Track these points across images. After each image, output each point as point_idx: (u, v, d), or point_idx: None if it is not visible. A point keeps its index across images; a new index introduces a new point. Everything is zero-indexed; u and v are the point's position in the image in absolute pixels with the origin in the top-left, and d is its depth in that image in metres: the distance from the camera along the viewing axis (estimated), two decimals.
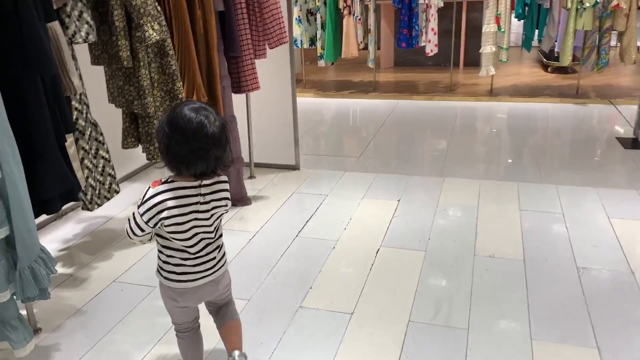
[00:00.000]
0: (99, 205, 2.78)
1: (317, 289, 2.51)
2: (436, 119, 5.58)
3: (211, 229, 1.69)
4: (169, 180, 1.62)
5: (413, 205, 3.39)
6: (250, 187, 3.69)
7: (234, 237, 3.03)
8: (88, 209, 2.73)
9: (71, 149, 2.31)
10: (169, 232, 1.63)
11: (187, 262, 1.68)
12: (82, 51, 2.82)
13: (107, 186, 2.84)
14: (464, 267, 2.65)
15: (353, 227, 3.12)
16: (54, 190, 2.07)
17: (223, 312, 1.89)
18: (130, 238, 1.68)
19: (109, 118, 3.23)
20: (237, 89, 3.39)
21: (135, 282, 2.61)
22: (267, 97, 3.81)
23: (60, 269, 2.78)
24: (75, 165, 2.33)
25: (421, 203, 3.42)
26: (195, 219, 1.64)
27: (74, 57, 2.53)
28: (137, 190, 3.77)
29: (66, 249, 2.99)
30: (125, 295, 2.51)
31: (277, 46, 3.44)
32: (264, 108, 3.93)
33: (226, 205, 1.71)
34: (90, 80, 2.90)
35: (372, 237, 2.99)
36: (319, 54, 6.70)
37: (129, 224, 1.65)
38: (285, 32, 3.45)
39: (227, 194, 1.71)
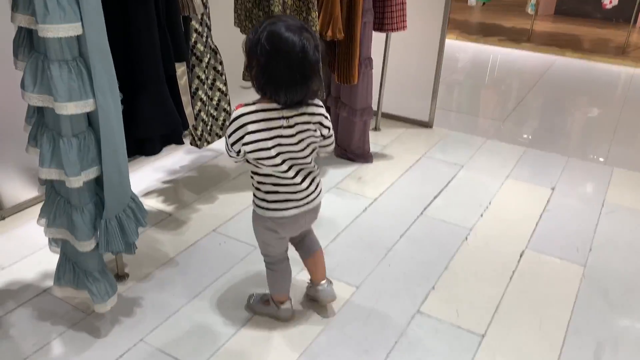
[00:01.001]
0: (209, 143, 2.48)
1: (441, 291, 2.06)
2: (603, 87, 4.66)
3: (302, 154, 1.57)
4: (251, 102, 1.52)
5: (571, 198, 2.76)
6: (373, 141, 3.23)
7: (348, 201, 2.63)
8: (196, 145, 2.44)
9: (182, 80, 1.98)
10: (253, 158, 1.54)
11: (282, 189, 1.60)
12: None
13: (220, 122, 2.53)
14: None
15: (492, 215, 2.58)
16: (154, 129, 1.77)
17: (308, 242, 1.86)
18: (230, 156, 1.60)
19: (231, 44, 2.87)
20: (380, 27, 2.86)
21: (236, 237, 2.31)
22: (408, 38, 3.23)
23: (160, 204, 2.56)
24: (185, 99, 2.00)
25: (582, 197, 2.77)
26: (280, 144, 1.52)
27: None
28: None
29: (170, 181, 2.76)
30: (223, 251, 2.23)
31: None
32: (403, 51, 3.37)
33: (316, 131, 1.57)
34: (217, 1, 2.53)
35: (516, 232, 2.45)
36: None
37: (225, 143, 1.58)
38: None
39: (320, 119, 1.57)
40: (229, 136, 1.52)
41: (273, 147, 1.51)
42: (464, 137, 3.43)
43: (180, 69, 1.93)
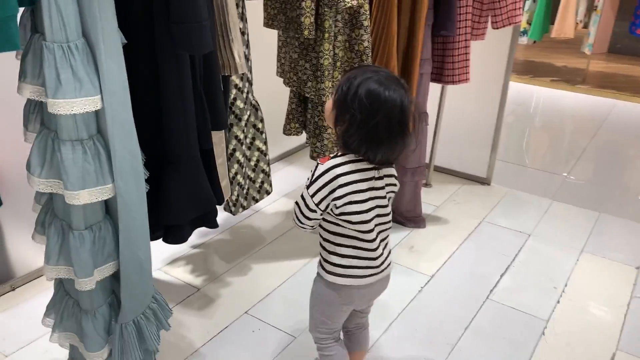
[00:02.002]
0: (244, 209, 2.19)
1: None
2: None
3: (387, 210, 1.45)
4: (338, 155, 1.38)
5: None
6: (425, 201, 2.89)
7: (401, 277, 2.29)
8: (230, 212, 2.15)
9: (219, 148, 1.70)
10: (343, 214, 1.37)
11: (362, 254, 1.43)
12: (254, 9, 2.18)
13: (257, 185, 2.24)
14: None
15: (570, 301, 2.20)
16: (185, 214, 1.48)
17: (362, 336, 1.67)
18: (301, 224, 1.42)
19: (272, 94, 2.61)
20: (439, 78, 2.56)
21: (272, 322, 2.00)
22: (467, 86, 2.93)
23: (187, 275, 2.26)
24: (222, 170, 1.72)
25: None
26: (372, 197, 1.40)
27: (243, 18, 1.88)
28: (292, 175, 3.17)
29: (200, 246, 2.48)
30: (257, 340, 1.92)
31: (505, 26, 2.52)
32: (460, 97, 3.06)
33: (396, 185, 1.49)
34: (257, 46, 2.28)
35: (601, 326, 2.06)
36: (522, 29, 5.52)
37: (298, 208, 1.40)
38: (520, 7, 2.51)
39: (395, 179, 1.49)
40: (315, 194, 1.35)
41: (368, 199, 1.39)
42: (527, 197, 3.07)
43: (217, 135, 1.65)
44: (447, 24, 2.31)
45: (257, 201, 2.26)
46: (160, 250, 2.36)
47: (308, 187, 1.36)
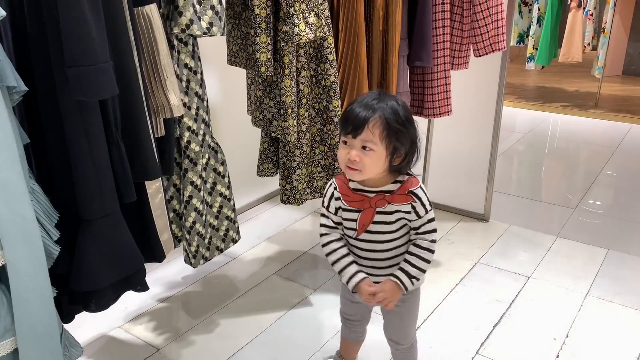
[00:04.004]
0: (207, 260, 2.02)
1: None
2: None
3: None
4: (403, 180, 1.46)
5: None
6: None
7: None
8: (190, 264, 1.98)
9: (156, 199, 1.54)
10: None
11: None
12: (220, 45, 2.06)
13: (222, 233, 2.07)
14: None
15: (572, 355, 1.95)
16: (100, 278, 1.32)
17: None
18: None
19: (247, 135, 2.47)
20: (420, 111, 2.38)
21: None
22: (456, 114, 2.74)
23: (148, 334, 2.09)
24: (161, 223, 1.56)
25: None
26: None
27: (194, 57, 1.76)
28: (277, 216, 3.00)
29: (167, 299, 2.30)
30: None
31: (488, 53, 2.35)
32: (450, 130, 2.87)
33: None
34: (227, 81, 2.14)
35: None
36: (528, 55, 5.35)
37: (436, 229, 1.48)
38: (504, 33, 2.34)
39: None
40: (428, 199, 1.46)
41: None
42: (528, 234, 2.83)
43: (154, 185, 1.50)
44: (422, 54, 2.15)
45: (221, 251, 2.09)
46: (124, 305, 2.21)
47: (431, 207, 1.43)
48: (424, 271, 1.43)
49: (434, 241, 1.43)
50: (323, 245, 1.50)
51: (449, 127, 2.83)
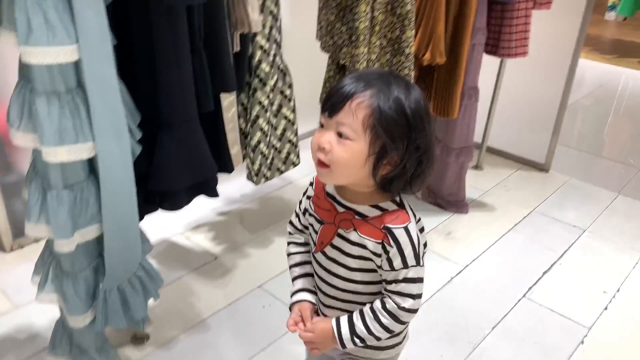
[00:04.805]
0: (267, 179, 2.08)
1: None
2: None
3: None
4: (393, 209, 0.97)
5: None
6: (472, 184, 2.68)
7: (430, 264, 2.11)
8: (252, 181, 2.05)
9: (229, 112, 1.59)
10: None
11: None
12: None
13: (283, 155, 2.12)
14: None
15: (621, 309, 1.95)
16: (180, 180, 1.39)
17: None
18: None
19: (314, 61, 2.46)
20: (494, 50, 2.31)
21: (284, 299, 1.90)
22: (529, 59, 2.63)
23: (208, 243, 2.20)
24: (232, 137, 1.61)
25: None
26: None
27: None
28: None
29: (226, 213, 2.41)
30: (266, 317, 1.83)
31: None
32: (519, 74, 2.77)
33: None
34: (298, 2, 2.12)
35: None
36: (610, 3, 5.01)
37: (416, 295, 0.96)
38: None
39: None
40: (418, 248, 0.95)
41: None
42: (589, 188, 2.77)
43: (228, 99, 1.54)
44: None
45: (281, 172, 2.14)
46: (185, 214, 2.32)
47: (417, 263, 0.94)
48: (376, 337, 0.97)
49: (407, 310, 0.95)
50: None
51: (521, 71, 2.73)
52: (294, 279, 1.11)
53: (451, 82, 2.19)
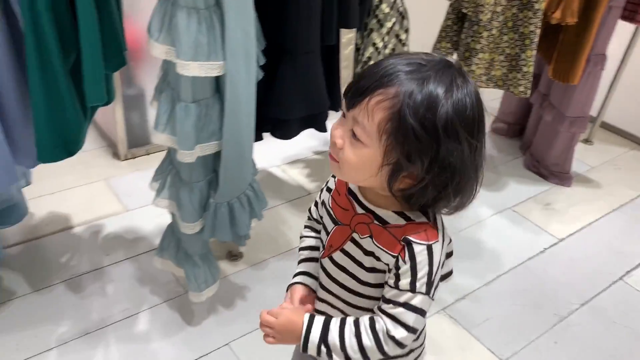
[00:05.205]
0: None
1: None
2: None
3: None
4: (420, 221, 0.80)
5: None
6: (579, 158, 2.54)
7: (524, 233, 2.07)
8: None
9: (347, 49, 1.59)
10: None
11: None
12: None
13: None
14: None
15: None
16: (293, 110, 1.42)
17: None
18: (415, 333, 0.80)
19: (432, 6, 2.38)
20: (632, 16, 2.13)
21: None
22: None
23: (302, 178, 2.27)
24: (345, 74, 1.62)
25: None
26: None
27: None
28: None
29: (321, 153, 2.45)
30: None
31: None
32: None
33: None
34: None
35: None
36: None
37: (411, 327, 0.78)
38: None
39: None
40: (435, 276, 0.78)
41: None
42: None
43: (347, 36, 1.54)
44: None
45: None
46: (284, 148, 2.39)
47: (427, 292, 0.78)
48: (346, 356, 0.80)
49: (394, 341, 0.78)
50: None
51: None
52: (298, 262, 0.98)
53: (578, 46, 2.05)
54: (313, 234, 0.98)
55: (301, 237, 1.00)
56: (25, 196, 1.71)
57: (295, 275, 0.96)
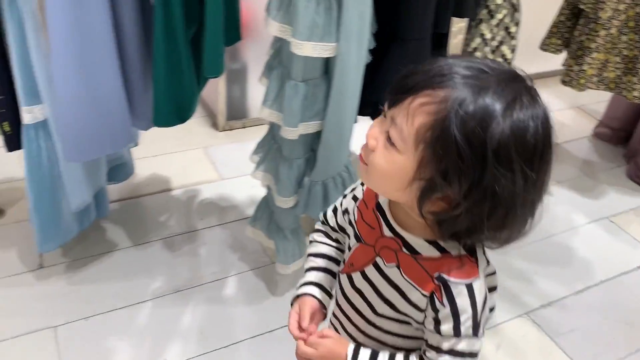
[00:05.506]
0: None
1: None
2: None
3: None
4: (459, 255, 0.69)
5: None
6: None
7: (619, 245, 1.96)
8: None
9: (456, 38, 1.56)
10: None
11: None
12: None
13: None
14: None
15: None
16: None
17: None
18: None
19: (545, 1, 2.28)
20: None
21: None
22: None
23: None
24: None
25: None
26: None
27: None
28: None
29: None
30: None
31: None
32: None
33: None
34: None
35: None
36: None
37: None
38: None
39: None
40: (481, 315, 0.70)
41: None
42: None
43: (458, 25, 1.51)
44: None
45: None
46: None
47: (475, 333, 0.69)
48: None
49: None
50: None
51: None
52: (306, 270, 0.87)
53: None
54: (326, 240, 0.88)
55: (311, 242, 0.89)
56: (132, 156, 1.84)
57: (302, 285, 0.85)
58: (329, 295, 0.85)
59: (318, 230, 0.89)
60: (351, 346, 0.74)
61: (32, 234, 1.53)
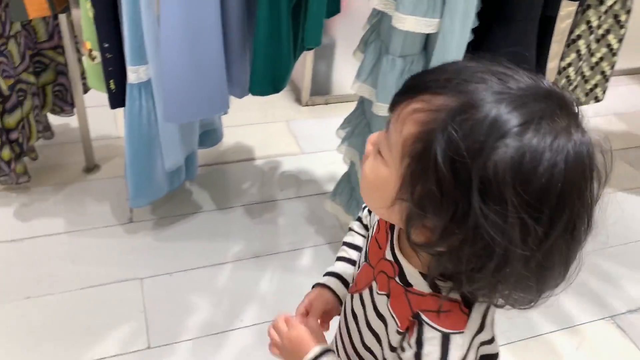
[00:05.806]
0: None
1: None
2: None
3: None
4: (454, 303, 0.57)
5: None
6: None
7: None
8: None
9: (563, 23, 1.48)
10: None
11: None
12: None
13: (589, 86, 1.96)
14: None
15: None
16: None
17: None
18: None
19: None
20: None
21: None
22: None
23: None
24: (556, 48, 1.52)
25: None
26: None
27: None
28: (636, 95, 2.68)
29: None
30: None
31: None
32: None
33: None
34: None
35: None
36: None
37: None
38: None
39: None
40: None
41: None
42: None
43: (567, 9, 1.43)
44: None
45: (581, 104, 1.98)
46: None
47: None
48: None
49: None
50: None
51: None
52: (337, 259, 0.82)
53: None
54: (363, 231, 0.80)
55: (350, 229, 0.82)
56: (222, 123, 1.89)
57: (326, 274, 0.80)
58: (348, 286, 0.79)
59: (359, 220, 0.82)
60: (318, 347, 0.66)
61: (125, 190, 1.61)
